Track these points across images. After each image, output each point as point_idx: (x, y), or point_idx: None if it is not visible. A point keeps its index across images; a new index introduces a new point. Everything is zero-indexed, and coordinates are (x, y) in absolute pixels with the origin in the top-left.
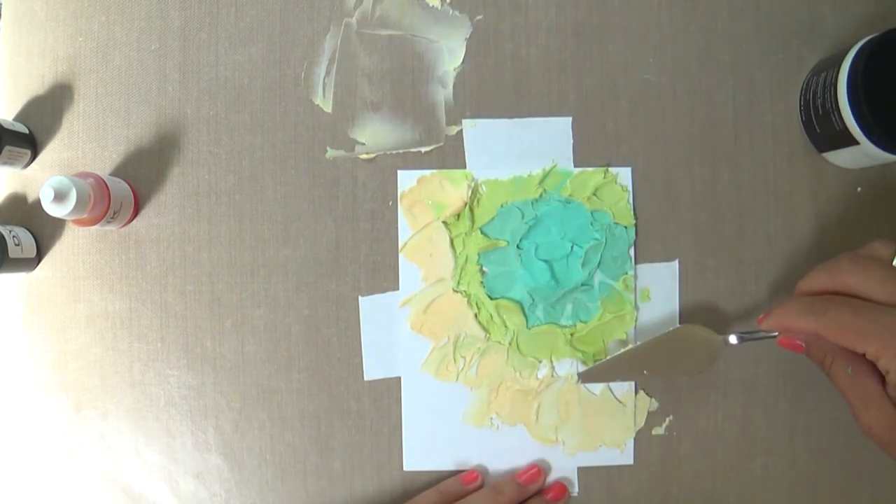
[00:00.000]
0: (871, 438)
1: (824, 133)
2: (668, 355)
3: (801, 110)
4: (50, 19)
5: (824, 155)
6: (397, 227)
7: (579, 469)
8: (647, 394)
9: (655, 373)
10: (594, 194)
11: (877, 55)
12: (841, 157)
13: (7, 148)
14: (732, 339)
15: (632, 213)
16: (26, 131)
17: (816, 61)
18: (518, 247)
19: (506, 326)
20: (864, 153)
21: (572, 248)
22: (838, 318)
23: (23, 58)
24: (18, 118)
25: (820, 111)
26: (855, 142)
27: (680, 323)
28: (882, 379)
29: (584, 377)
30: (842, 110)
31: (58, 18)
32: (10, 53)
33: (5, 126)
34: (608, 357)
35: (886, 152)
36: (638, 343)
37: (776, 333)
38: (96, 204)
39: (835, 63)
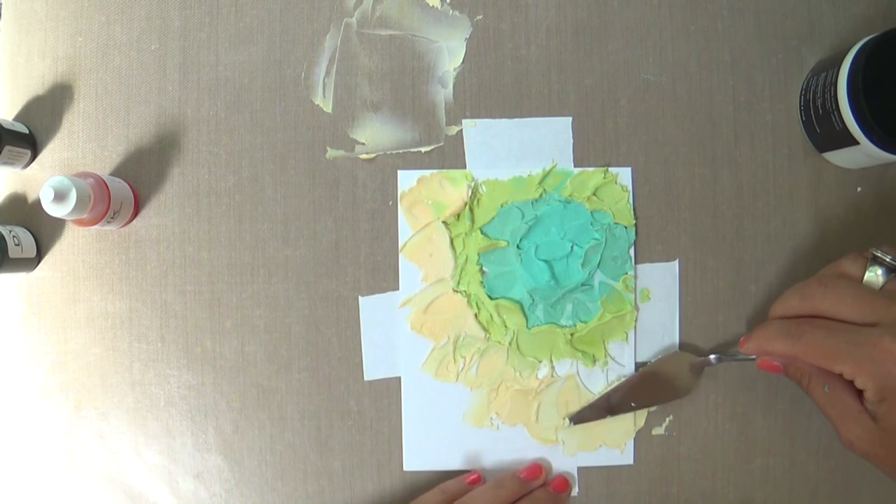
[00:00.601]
0: (854, 452)
1: (824, 133)
2: (652, 385)
3: (801, 110)
4: (50, 19)
5: (824, 155)
6: (397, 227)
7: (579, 469)
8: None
9: (643, 403)
10: (594, 194)
11: (877, 55)
12: (841, 157)
13: (7, 148)
14: (713, 360)
15: (632, 212)
16: (26, 131)
17: (816, 61)
18: (518, 247)
19: (506, 326)
20: (864, 153)
21: (572, 248)
22: (813, 341)
23: (23, 58)
24: (18, 118)
25: (820, 111)
26: (855, 142)
27: (679, 330)
28: (860, 393)
29: (576, 419)
30: (842, 110)
31: (58, 18)
32: (10, 53)
33: (5, 126)
34: (595, 398)
35: (886, 152)
36: (622, 379)
37: (754, 357)
38: (96, 204)
39: (835, 63)
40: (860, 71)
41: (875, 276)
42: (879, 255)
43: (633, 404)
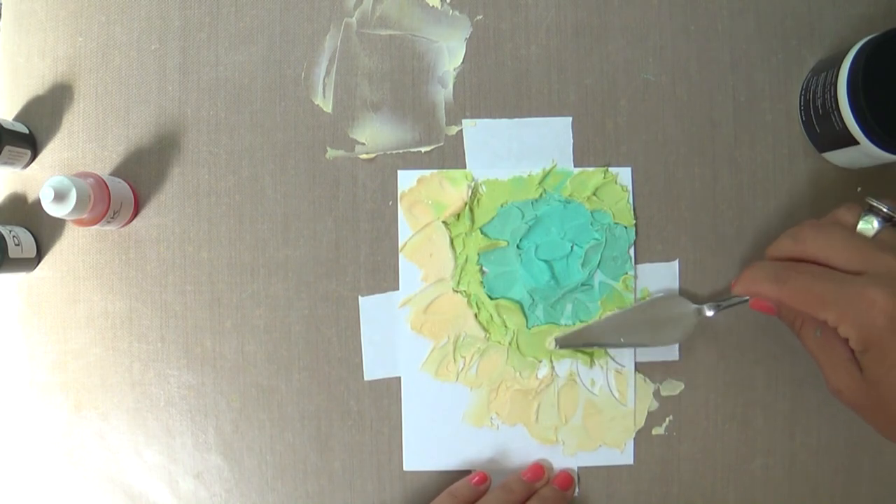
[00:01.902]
0: (840, 400)
1: (824, 133)
2: (645, 324)
3: (800, 110)
4: (50, 19)
5: (824, 155)
6: (397, 227)
7: (579, 469)
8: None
9: (632, 340)
10: (594, 194)
11: (877, 55)
12: (841, 157)
13: (7, 148)
14: (708, 310)
15: (632, 212)
16: (26, 131)
17: (816, 61)
18: (518, 247)
19: (506, 326)
20: (864, 153)
21: (572, 248)
22: (799, 285)
23: (23, 58)
24: (18, 118)
25: (820, 111)
26: (855, 142)
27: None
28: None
29: (562, 342)
30: (842, 110)
31: (58, 18)
32: (10, 53)
33: (5, 126)
34: (585, 325)
35: (886, 152)
36: (616, 311)
37: (748, 298)
38: (96, 204)
39: (835, 63)
40: (860, 71)
41: (870, 226)
42: (875, 204)
43: (622, 339)
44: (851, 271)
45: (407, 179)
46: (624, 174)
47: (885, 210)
